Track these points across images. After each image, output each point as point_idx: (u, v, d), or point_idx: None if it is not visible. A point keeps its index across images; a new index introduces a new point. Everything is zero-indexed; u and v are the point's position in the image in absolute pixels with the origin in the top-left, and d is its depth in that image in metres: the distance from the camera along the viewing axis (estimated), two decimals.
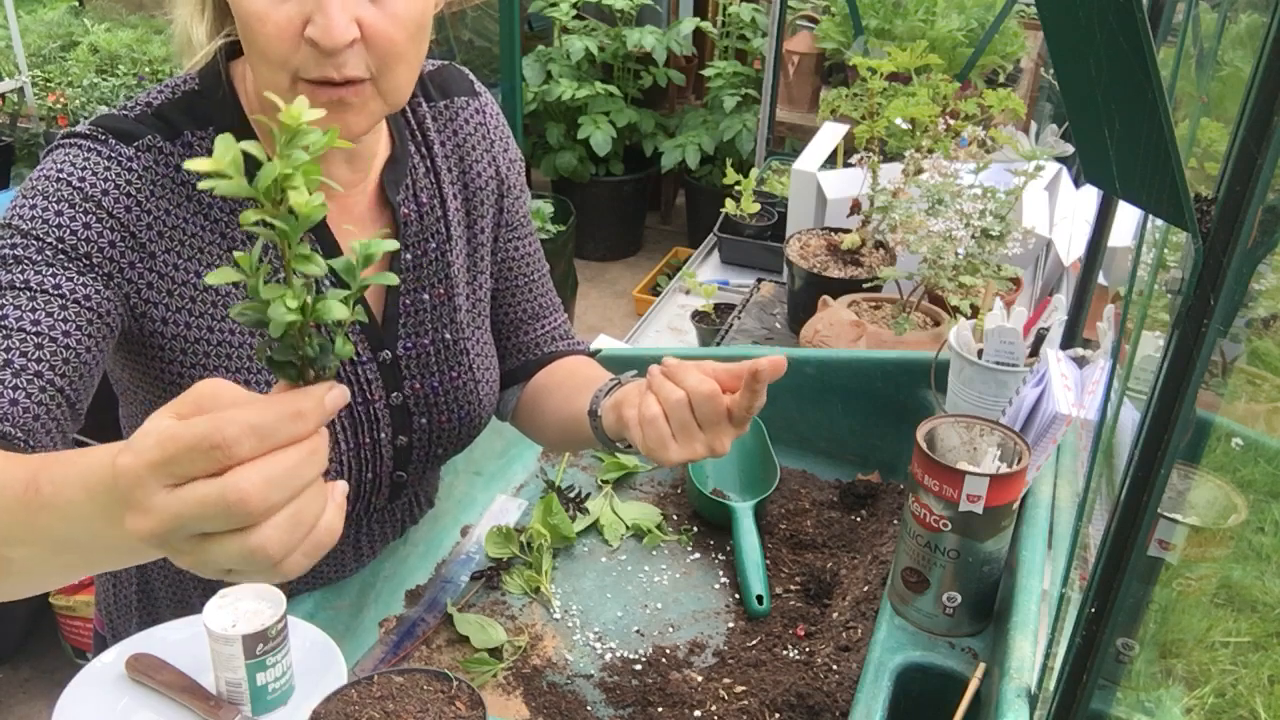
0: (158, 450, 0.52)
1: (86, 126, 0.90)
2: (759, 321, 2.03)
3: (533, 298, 1.19)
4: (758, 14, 4.38)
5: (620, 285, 4.54)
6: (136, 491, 0.53)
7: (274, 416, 0.53)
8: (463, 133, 1.09)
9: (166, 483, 0.53)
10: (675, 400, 0.86)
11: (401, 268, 1.03)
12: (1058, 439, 1.10)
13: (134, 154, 0.89)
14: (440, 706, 0.82)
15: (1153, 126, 0.48)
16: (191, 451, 0.52)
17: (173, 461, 0.52)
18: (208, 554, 0.54)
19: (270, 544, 0.53)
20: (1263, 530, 0.97)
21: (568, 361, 1.20)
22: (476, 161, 1.10)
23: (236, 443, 0.52)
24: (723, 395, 0.85)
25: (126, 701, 0.92)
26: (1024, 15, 3.45)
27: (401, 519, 1.19)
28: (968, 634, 1.05)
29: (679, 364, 0.89)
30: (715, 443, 0.87)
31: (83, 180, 0.87)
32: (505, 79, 3.02)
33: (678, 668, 1.11)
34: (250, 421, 0.53)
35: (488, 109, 1.12)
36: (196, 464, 0.52)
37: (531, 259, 1.18)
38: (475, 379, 1.10)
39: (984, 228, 1.48)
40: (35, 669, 2.60)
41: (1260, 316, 0.90)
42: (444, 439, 1.10)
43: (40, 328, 0.82)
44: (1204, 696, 0.93)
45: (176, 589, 1.12)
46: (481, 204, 1.11)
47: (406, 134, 1.05)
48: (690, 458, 0.88)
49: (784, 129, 3.63)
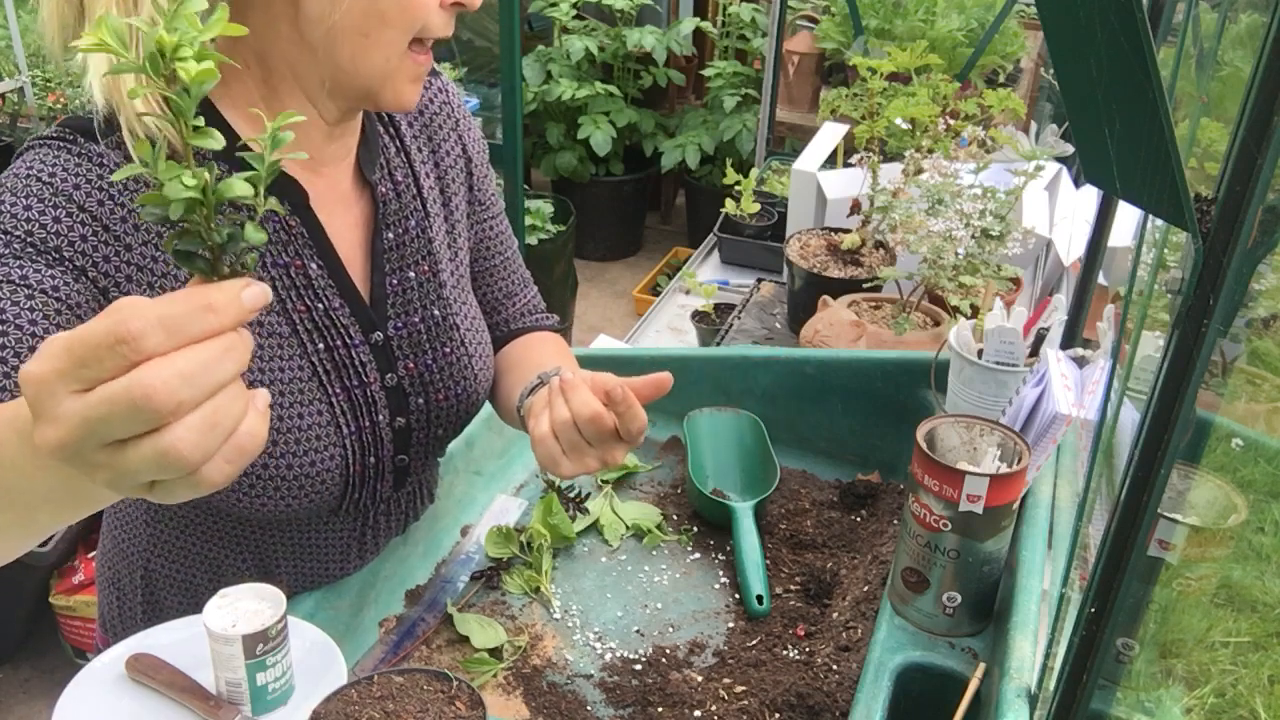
0: (64, 354, 0.50)
1: (53, 130, 0.90)
2: (759, 321, 2.03)
3: (507, 275, 1.23)
4: (758, 14, 4.38)
5: (620, 285, 4.54)
6: (46, 401, 0.51)
7: (183, 309, 0.51)
8: (429, 112, 1.11)
9: (74, 388, 0.50)
10: (562, 421, 0.90)
11: (385, 247, 1.04)
12: (1058, 439, 1.10)
13: (104, 150, 0.89)
14: (440, 706, 0.82)
15: (1153, 126, 0.48)
16: (97, 349, 0.49)
17: (80, 363, 0.50)
18: (122, 462, 0.51)
19: (183, 444, 0.51)
20: (1263, 530, 0.97)
21: (529, 340, 1.23)
22: (444, 140, 1.12)
23: (143, 335, 0.49)
24: (606, 415, 0.89)
25: (126, 701, 0.92)
26: (1024, 15, 3.45)
27: (405, 511, 1.19)
28: (968, 634, 1.05)
29: (572, 382, 0.92)
30: (607, 457, 0.91)
31: (53, 176, 0.87)
32: (505, 79, 3.02)
33: (678, 668, 1.11)
34: (157, 313, 0.50)
35: (449, 88, 1.15)
36: (104, 362, 0.50)
37: (504, 237, 1.22)
38: (469, 354, 1.11)
39: (984, 228, 1.48)
40: (35, 669, 2.60)
41: (1260, 316, 0.90)
42: (443, 418, 1.10)
43: (5, 316, 0.81)
44: (1204, 696, 0.93)
45: (187, 596, 1.12)
46: (453, 181, 1.12)
47: (374, 116, 1.06)
48: (584, 471, 0.92)
49: (784, 129, 3.63)
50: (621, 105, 4.43)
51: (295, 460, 0.97)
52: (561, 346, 1.22)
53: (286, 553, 1.09)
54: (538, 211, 3.82)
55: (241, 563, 1.09)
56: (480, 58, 4.23)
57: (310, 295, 0.98)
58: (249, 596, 0.92)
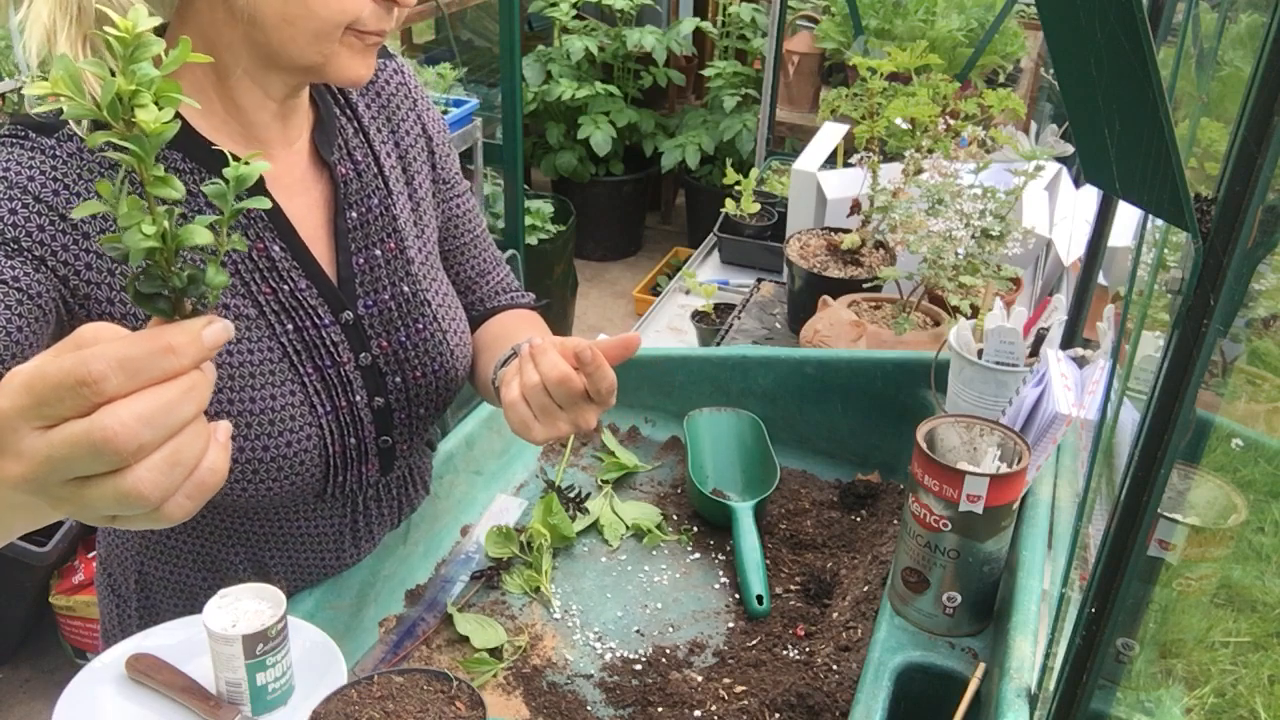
0: (25, 391, 0.51)
1: (4, 128, 0.91)
2: (759, 321, 2.03)
3: (478, 254, 1.24)
4: (758, 14, 4.38)
5: (620, 285, 4.54)
6: (8, 436, 0.52)
7: (143, 351, 0.51)
8: (385, 93, 1.12)
9: (37, 424, 0.51)
10: (532, 385, 0.91)
11: (349, 227, 1.05)
12: (1058, 439, 1.10)
13: (55, 143, 0.90)
14: (440, 706, 0.82)
15: (1153, 126, 0.48)
16: (58, 389, 0.50)
17: (41, 402, 0.50)
18: (84, 499, 0.52)
19: (144, 485, 0.52)
20: (1263, 530, 0.97)
21: (504, 317, 1.24)
22: (403, 120, 1.13)
23: (103, 378, 0.50)
24: (575, 376, 0.89)
25: (126, 702, 0.92)
26: (1024, 15, 3.45)
27: (397, 499, 1.18)
28: (968, 634, 1.05)
29: (540, 347, 0.92)
30: (579, 419, 0.92)
31: (6, 170, 0.87)
32: (505, 79, 3.02)
33: (678, 668, 1.11)
34: (118, 355, 0.51)
35: (405, 70, 1.15)
36: (65, 403, 0.50)
37: (472, 215, 1.22)
38: (442, 329, 1.11)
39: (984, 228, 1.48)
40: (35, 669, 2.60)
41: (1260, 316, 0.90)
42: (422, 397, 1.11)
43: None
44: (1204, 696, 0.93)
45: (183, 599, 1.12)
46: (415, 160, 1.13)
47: (329, 98, 1.07)
48: (556, 436, 0.93)
49: (784, 129, 3.63)
50: (621, 105, 4.43)
51: (271, 442, 0.98)
52: (536, 321, 1.23)
53: (279, 544, 1.09)
54: (538, 211, 3.82)
55: (234, 557, 1.09)
56: (480, 58, 4.23)
57: (275, 277, 0.99)
58: (249, 596, 0.92)
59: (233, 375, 0.97)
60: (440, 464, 1.28)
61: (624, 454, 1.44)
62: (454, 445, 1.32)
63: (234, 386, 0.97)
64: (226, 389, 0.96)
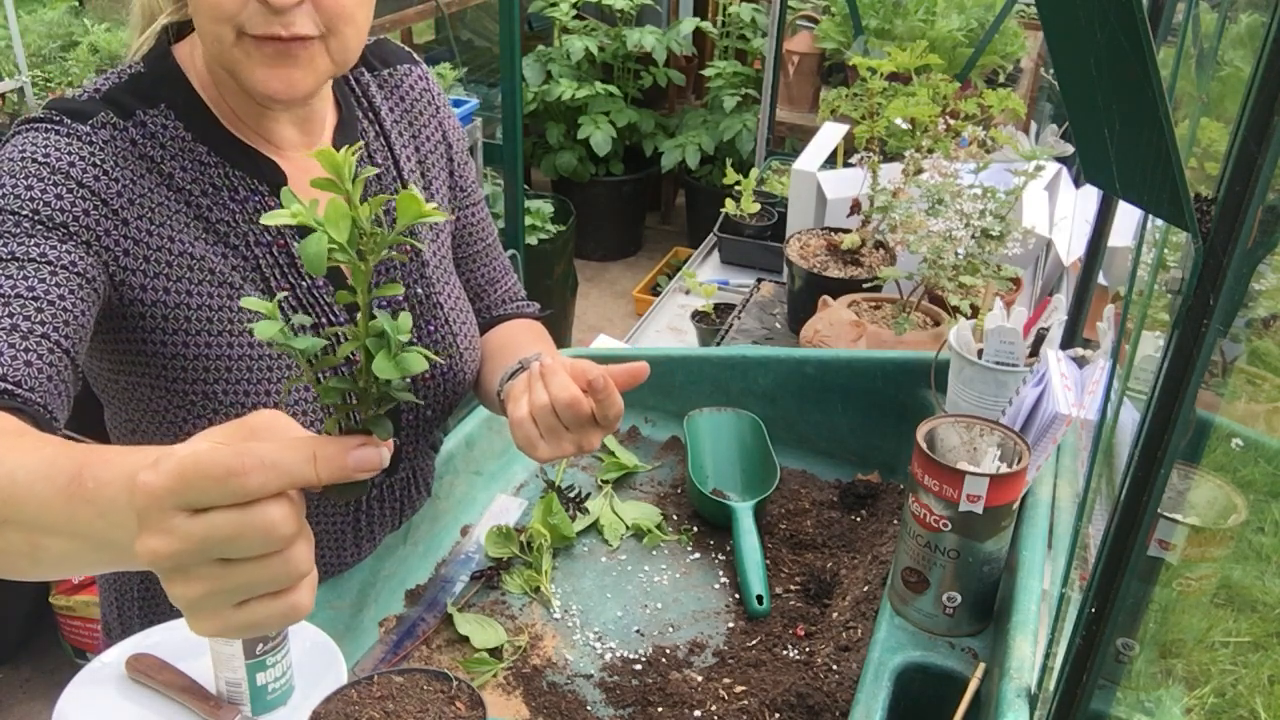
0: (177, 475, 0.53)
1: (40, 112, 0.92)
2: (759, 321, 2.03)
3: (488, 262, 1.25)
4: (758, 14, 4.38)
5: (620, 285, 4.54)
6: (155, 514, 0.53)
7: (294, 459, 0.55)
8: (409, 98, 1.13)
9: (182, 507, 0.53)
10: (541, 405, 0.92)
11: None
12: (1058, 439, 1.10)
13: (90, 130, 0.91)
14: (440, 706, 0.82)
15: (1153, 126, 0.48)
16: (207, 479, 0.52)
17: (190, 488, 0.52)
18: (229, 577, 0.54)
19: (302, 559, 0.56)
20: (1263, 530, 0.97)
21: (510, 326, 1.24)
22: (425, 126, 1.14)
23: (249, 473, 0.53)
24: (584, 400, 0.91)
25: (126, 702, 0.92)
26: (1024, 15, 3.45)
27: (400, 501, 1.19)
28: (968, 634, 1.05)
29: (551, 367, 0.93)
30: (583, 442, 0.93)
31: (48, 155, 0.88)
32: (505, 79, 3.02)
33: (678, 668, 1.11)
34: (273, 459, 0.53)
35: (429, 77, 1.17)
36: (211, 494, 0.52)
37: (485, 224, 1.24)
38: (453, 331, 1.12)
39: (984, 228, 1.48)
40: (35, 669, 2.60)
41: (1260, 316, 0.90)
42: (430, 398, 1.11)
43: (36, 293, 0.83)
44: (1204, 696, 0.93)
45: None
46: (433, 165, 1.14)
47: (353, 101, 1.08)
48: (560, 455, 0.94)
49: (784, 129, 3.63)
50: (621, 105, 4.43)
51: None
52: (542, 333, 1.24)
53: None
54: (538, 211, 3.82)
55: None
56: (480, 58, 4.23)
57: (294, 274, 1.00)
58: None
59: (249, 369, 0.98)
60: (440, 464, 1.28)
61: (624, 454, 1.44)
62: (454, 445, 1.32)
63: (250, 380, 0.98)
64: (242, 382, 0.97)
